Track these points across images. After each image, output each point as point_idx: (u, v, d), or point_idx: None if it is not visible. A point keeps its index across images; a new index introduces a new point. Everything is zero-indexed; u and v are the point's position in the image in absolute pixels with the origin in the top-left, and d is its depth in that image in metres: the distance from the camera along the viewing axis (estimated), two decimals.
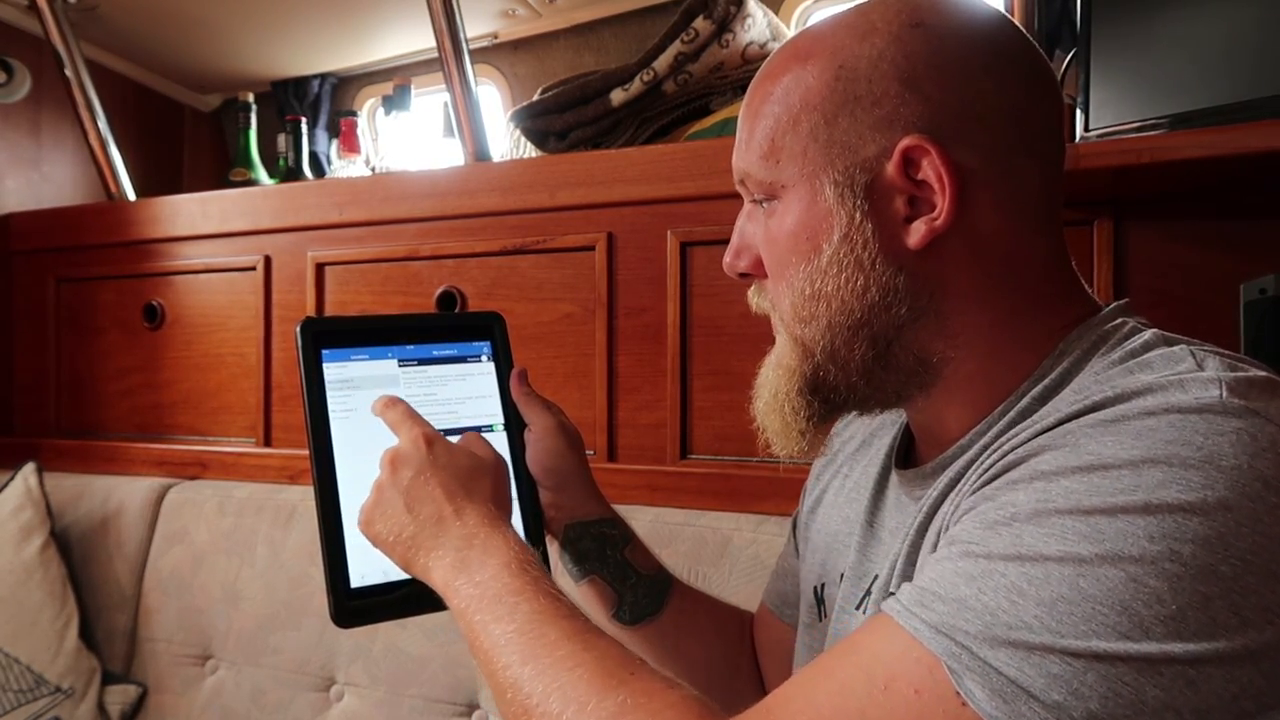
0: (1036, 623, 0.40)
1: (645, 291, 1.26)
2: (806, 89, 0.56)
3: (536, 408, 0.77)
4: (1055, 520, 0.42)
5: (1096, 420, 0.45)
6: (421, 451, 0.64)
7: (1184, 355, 0.48)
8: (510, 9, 1.70)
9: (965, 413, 0.57)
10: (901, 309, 0.55)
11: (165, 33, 1.82)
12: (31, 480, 1.46)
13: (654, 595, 0.78)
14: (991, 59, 0.55)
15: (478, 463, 0.66)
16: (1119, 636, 0.39)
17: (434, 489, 0.62)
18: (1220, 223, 0.99)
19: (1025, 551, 0.42)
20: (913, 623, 0.43)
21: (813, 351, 0.58)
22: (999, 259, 0.55)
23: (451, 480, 0.63)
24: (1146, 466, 0.41)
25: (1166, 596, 0.39)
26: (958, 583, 0.43)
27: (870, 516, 0.66)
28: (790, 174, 0.57)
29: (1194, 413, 0.43)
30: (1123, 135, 0.89)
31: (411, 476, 0.63)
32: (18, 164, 1.80)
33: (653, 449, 1.25)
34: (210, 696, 1.35)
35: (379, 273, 1.45)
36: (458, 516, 0.61)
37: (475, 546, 0.60)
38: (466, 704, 1.18)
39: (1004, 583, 0.41)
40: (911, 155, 0.53)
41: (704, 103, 1.35)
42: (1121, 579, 0.39)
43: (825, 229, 0.55)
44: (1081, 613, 0.39)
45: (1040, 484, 0.44)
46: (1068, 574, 0.40)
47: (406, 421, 0.66)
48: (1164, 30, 0.88)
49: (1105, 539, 0.40)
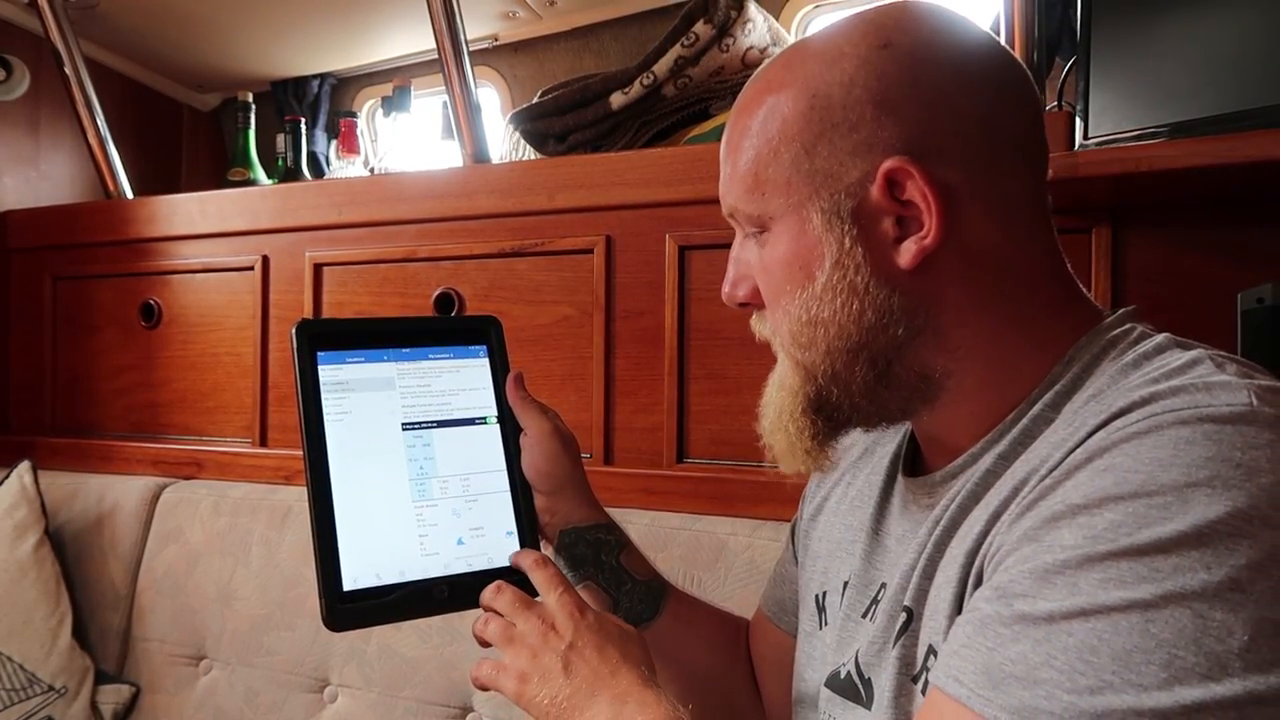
0: (1117, 680, 0.39)
1: (643, 295, 1.26)
2: (783, 120, 0.56)
3: (532, 412, 0.76)
4: (1109, 564, 0.41)
5: (1128, 432, 0.44)
6: (576, 620, 0.64)
7: (1202, 358, 0.48)
8: (510, 11, 1.70)
9: (974, 422, 0.56)
10: (898, 329, 0.55)
11: (165, 31, 1.82)
12: (26, 478, 1.46)
13: (649, 601, 0.78)
14: (961, 71, 0.55)
15: (625, 632, 0.66)
16: (1200, 679, 0.38)
17: (590, 654, 0.63)
18: (1218, 231, 0.99)
19: (1086, 604, 0.40)
20: (990, 710, 0.41)
21: (815, 375, 0.58)
22: (993, 269, 0.55)
23: (605, 645, 0.64)
24: (1190, 490, 0.41)
25: (1235, 627, 0.38)
26: (1024, 651, 0.41)
27: (875, 524, 0.65)
28: (777, 205, 0.57)
29: (1228, 423, 0.42)
30: (1121, 143, 0.89)
31: (567, 644, 0.63)
32: (16, 161, 1.80)
33: (649, 452, 1.25)
34: (204, 697, 1.35)
35: (377, 274, 1.45)
36: (612, 676, 0.62)
37: (630, 702, 0.60)
38: (460, 706, 1.18)
39: (1072, 643, 0.40)
40: (894, 177, 0.53)
41: (703, 107, 1.35)
42: (1188, 616, 0.38)
43: (816, 257, 0.56)
44: (1159, 660, 0.38)
45: (1084, 519, 0.43)
46: (1135, 621, 0.39)
47: (559, 587, 0.67)
48: (1163, 39, 0.88)
49: (1164, 577, 0.39)
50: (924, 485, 0.60)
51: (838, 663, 0.63)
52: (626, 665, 0.62)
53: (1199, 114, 0.85)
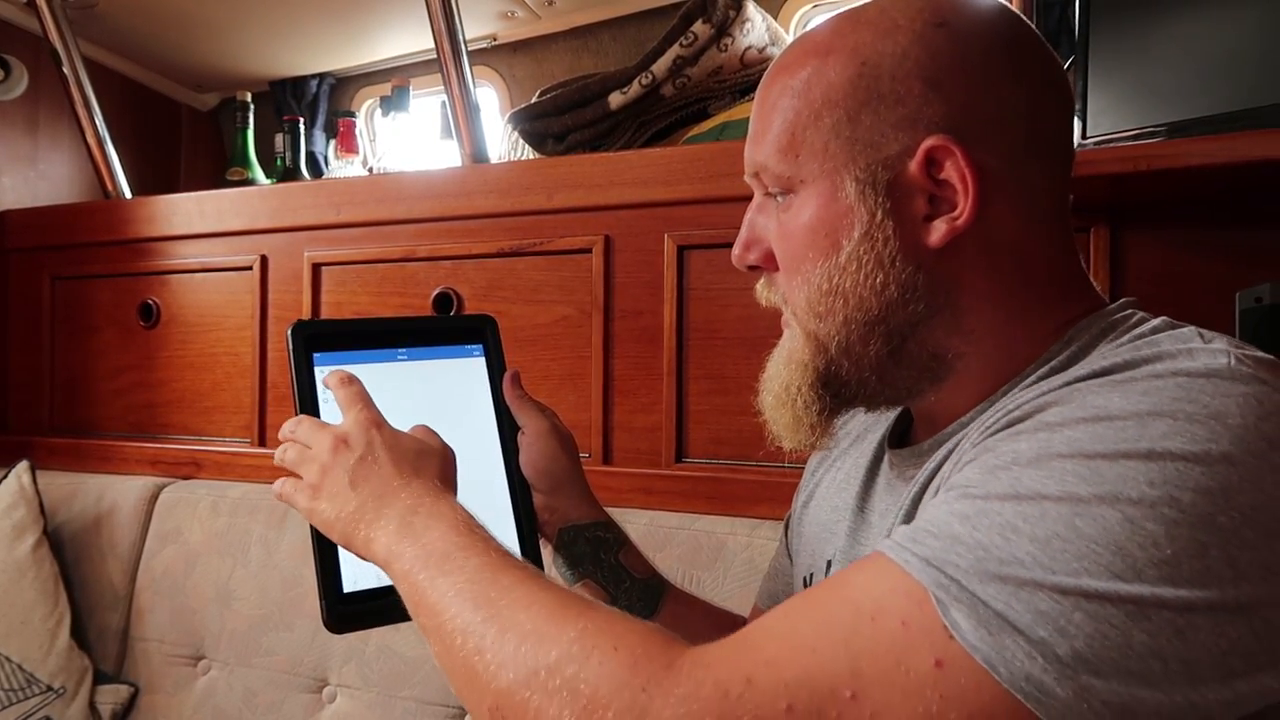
0: (1028, 558, 0.40)
1: (642, 294, 1.26)
2: (828, 84, 0.56)
3: (530, 410, 0.76)
4: (1056, 464, 0.42)
5: (1104, 381, 0.46)
6: (370, 434, 0.63)
7: (1192, 335, 0.48)
8: (509, 11, 1.70)
9: (970, 399, 0.57)
10: (919, 306, 0.55)
11: (163, 31, 1.82)
12: (25, 479, 1.46)
13: (647, 599, 0.78)
14: (1012, 61, 0.55)
15: (424, 446, 0.65)
16: (1110, 576, 0.38)
17: (380, 467, 0.61)
18: (1217, 231, 0.99)
19: (1023, 491, 0.42)
20: (903, 555, 0.43)
21: (827, 346, 0.58)
22: (1012, 258, 0.56)
23: (400, 459, 0.62)
24: (1151, 418, 0.42)
25: (1162, 540, 0.38)
26: (952, 521, 0.43)
27: (861, 502, 0.66)
28: (810, 169, 0.56)
29: (1201, 376, 0.43)
30: (1120, 143, 0.89)
31: (358, 457, 0.62)
32: (14, 161, 1.80)
33: (648, 452, 1.25)
34: (202, 697, 1.35)
35: (375, 273, 1.45)
36: (404, 489, 0.60)
37: (420, 513, 0.58)
38: (459, 706, 1.18)
39: (999, 520, 0.41)
40: (935, 155, 0.53)
41: (702, 106, 1.35)
42: (1118, 520, 0.39)
43: (846, 226, 0.55)
44: (1074, 550, 0.39)
45: (1044, 434, 0.44)
46: (1064, 512, 0.40)
47: (357, 404, 0.65)
48: (1162, 39, 0.88)
49: (1105, 481, 0.40)
50: (911, 455, 0.61)
51: None
52: (420, 479, 0.61)
53: (1197, 114, 0.85)
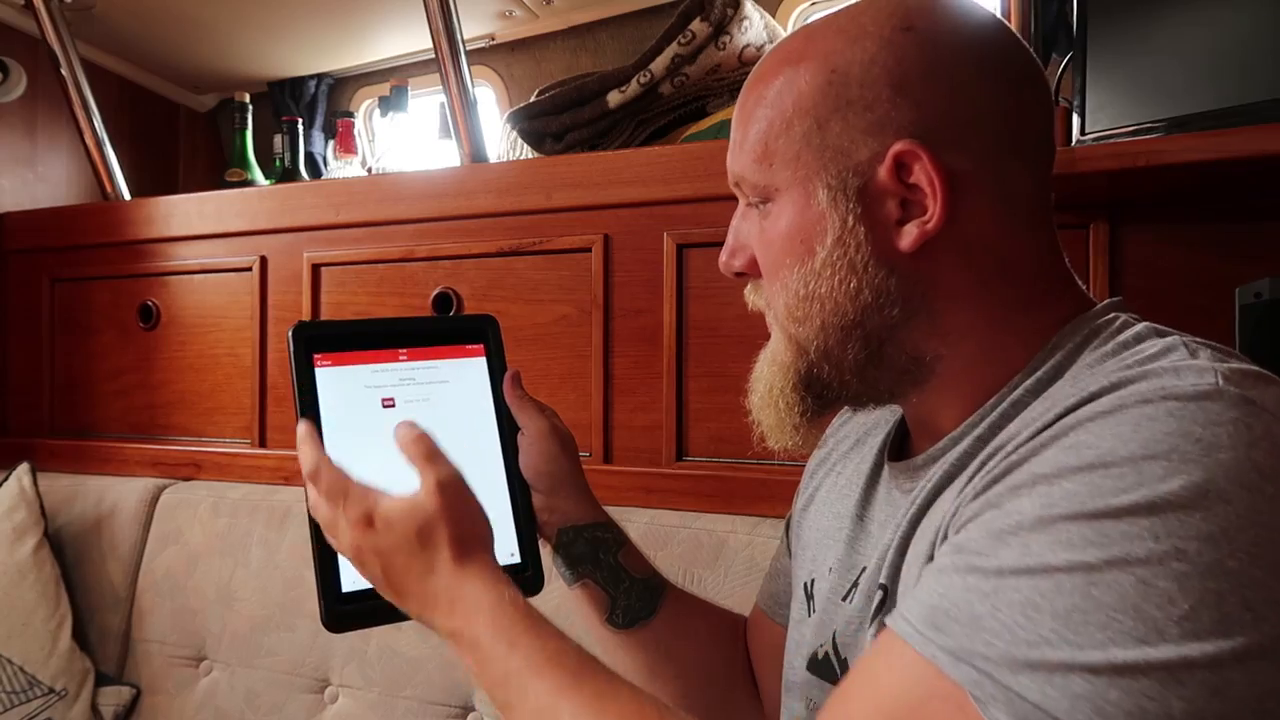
0: (1055, 636, 0.39)
1: (641, 293, 1.26)
2: (799, 93, 0.56)
3: (530, 411, 0.76)
4: (1060, 527, 0.42)
5: (1094, 412, 0.45)
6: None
7: (1176, 345, 0.48)
8: (507, 10, 1.69)
9: (959, 407, 0.57)
10: (894, 310, 0.56)
11: (161, 32, 1.82)
12: (25, 480, 1.46)
13: (647, 599, 0.78)
14: (983, 63, 0.55)
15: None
16: (1135, 642, 0.38)
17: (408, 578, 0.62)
18: (1216, 226, 0.99)
19: (1034, 563, 0.41)
20: (929, 649, 0.43)
21: (807, 350, 0.59)
22: (990, 259, 0.56)
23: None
24: (1146, 462, 0.41)
25: (1177, 596, 0.38)
26: (970, 600, 0.42)
27: (860, 510, 0.66)
28: (783, 177, 0.57)
29: (1191, 400, 0.43)
30: (1119, 139, 0.89)
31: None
32: (13, 163, 1.79)
33: (648, 451, 1.25)
34: (204, 698, 1.35)
35: (375, 274, 1.45)
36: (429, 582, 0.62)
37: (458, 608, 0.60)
38: (461, 706, 1.18)
39: (1018, 598, 0.41)
40: (903, 160, 0.53)
41: (700, 105, 1.34)
42: (1131, 582, 0.39)
43: (818, 232, 0.56)
44: (1097, 621, 0.39)
45: (1043, 488, 0.44)
46: (1079, 583, 0.40)
47: (430, 464, 0.65)
48: (1160, 34, 0.88)
49: (1111, 542, 0.40)
50: (907, 469, 0.61)
51: (816, 644, 0.63)
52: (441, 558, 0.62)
53: (1196, 109, 0.85)
